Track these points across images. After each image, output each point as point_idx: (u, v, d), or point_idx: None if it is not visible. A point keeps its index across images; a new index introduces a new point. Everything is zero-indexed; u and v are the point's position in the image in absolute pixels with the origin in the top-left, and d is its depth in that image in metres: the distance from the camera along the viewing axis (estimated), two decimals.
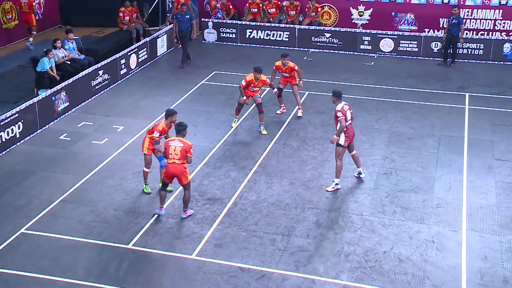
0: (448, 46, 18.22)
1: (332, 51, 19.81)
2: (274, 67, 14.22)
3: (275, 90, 13.93)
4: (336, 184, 11.07)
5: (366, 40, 19.48)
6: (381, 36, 19.38)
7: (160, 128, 10.31)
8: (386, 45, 19.43)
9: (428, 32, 19.68)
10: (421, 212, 10.40)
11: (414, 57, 19.00)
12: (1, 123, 12.30)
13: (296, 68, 14.07)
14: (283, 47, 20.13)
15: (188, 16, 17.76)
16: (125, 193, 10.96)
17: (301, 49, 20.05)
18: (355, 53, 19.66)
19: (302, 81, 14.28)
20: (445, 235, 9.79)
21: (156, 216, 10.16)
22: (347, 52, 19.69)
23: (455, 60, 18.33)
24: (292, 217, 10.25)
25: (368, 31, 19.55)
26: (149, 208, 10.44)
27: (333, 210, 10.47)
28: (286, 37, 20.10)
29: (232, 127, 13.59)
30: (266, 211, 10.44)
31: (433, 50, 18.86)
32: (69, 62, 15.72)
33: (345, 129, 10.77)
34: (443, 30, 18.96)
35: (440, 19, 19.53)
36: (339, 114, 10.82)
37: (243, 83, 13.09)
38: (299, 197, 10.91)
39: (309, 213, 10.38)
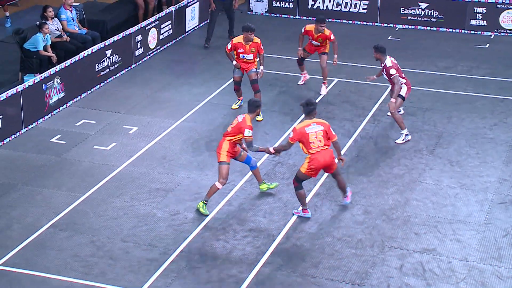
0: None
1: (429, 28, 19.67)
2: (303, 30, 15.30)
3: (300, 49, 15.50)
4: (406, 135, 13.42)
5: (479, 13, 19.26)
6: (502, 6, 19.11)
7: (250, 124, 11.13)
8: (510, 19, 19.13)
9: None
10: None
11: None
12: None
13: (333, 37, 15.07)
14: (359, 22, 20.11)
15: None
16: (138, 219, 11.16)
17: (385, 25, 19.97)
18: (463, 31, 19.46)
19: (337, 56, 15.24)
20: None
21: (180, 254, 10.30)
22: (450, 30, 19.51)
23: None
24: (366, 259, 10.24)
25: None
26: (169, 239, 10.61)
27: (425, 251, 10.40)
28: (363, 9, 20.08)
29: (233, 108, 14.86)
30: (330, 250, 10.45)
31: None
32: (66, 38, 16.11)
33: (402, 85, 13.25)
34: None
35: None
36: (392, 71, 13.11)
37: (229, 46, 14.29)
38: (377, 231, 10.88)
39: (390, 255, 10.34)
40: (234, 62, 14.32)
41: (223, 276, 9.86)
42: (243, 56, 14.23)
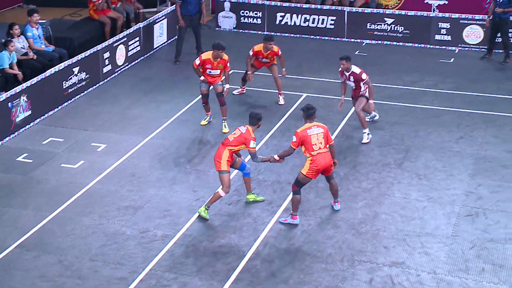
0: (496, 34, 18.35)
1: (395, 42, 19.87)
2: (251, 52, 15.68)
3: (250, 73, 15.83)
4: (368, 134, 14.07)
5: (443, 28, 19.51)
6: (466, 22, 19.37)
7: (254, 136, 11.50)
8: (473, 34, 19.39)
9: None
10: None
11: None
12: None
13: (280, 52, 15.61)
14: (326, 38, 20.24)
15: None
16: (106, 237, 11.07)
17: (352, 40, 20.14)
18: (428, 45, 19.68)
19: (284, 69, 15.80)
20: None
21: (142, 271, 10.25)
22: (416, 45, 19.72)
23: (510, 52, 18.30)
24: (336, 274, 10.26)
25: (447, 15, 19.58)
26: (138, 257, 10.54)
27: (394, 264, 10.45)
28: (331, 24, 20.23)
29: (202, 125, 14.86)
30: (300, 265, 10.46)
31: None
32: (32, 56, 16.01)
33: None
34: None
35: None
36: (364, 76, 13.84)
37: (197, 61, 14.42)
38: (347, 245, 10.91)
39: (360, 269, 10.37)
40: (202, 77, 14.37)
41: None
42: (210, 72, 14.30)
